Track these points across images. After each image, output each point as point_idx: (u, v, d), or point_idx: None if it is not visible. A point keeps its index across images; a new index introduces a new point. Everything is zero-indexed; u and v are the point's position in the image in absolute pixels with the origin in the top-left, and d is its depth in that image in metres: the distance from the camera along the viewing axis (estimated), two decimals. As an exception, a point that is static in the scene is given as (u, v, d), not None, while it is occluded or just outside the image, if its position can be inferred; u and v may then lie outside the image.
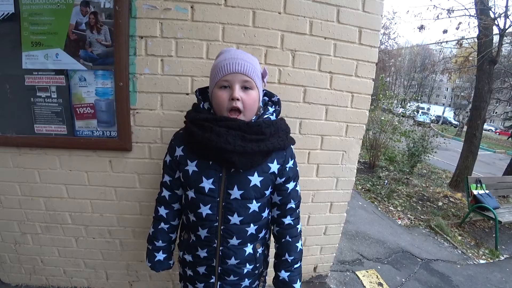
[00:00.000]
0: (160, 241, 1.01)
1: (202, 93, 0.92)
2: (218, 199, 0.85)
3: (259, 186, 0.87)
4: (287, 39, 1.25)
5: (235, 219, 0.87)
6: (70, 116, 1.23)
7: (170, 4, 1.14)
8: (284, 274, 0.96)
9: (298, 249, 0.98)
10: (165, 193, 0.97)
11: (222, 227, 0.87)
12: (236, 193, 0.85)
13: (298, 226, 0.99)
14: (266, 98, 0.94)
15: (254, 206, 0.88)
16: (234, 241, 0.89)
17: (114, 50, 1.15)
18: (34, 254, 1.51)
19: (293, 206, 0.96)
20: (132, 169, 1.33)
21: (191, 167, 0.86)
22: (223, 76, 0.80)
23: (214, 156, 0.82)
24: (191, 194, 0.88)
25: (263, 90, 0.91)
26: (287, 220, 0.96)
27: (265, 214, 0.94)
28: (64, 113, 1.22)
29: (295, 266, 0.97)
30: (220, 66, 0.81)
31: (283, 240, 0.97)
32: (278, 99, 0.95)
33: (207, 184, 0.85)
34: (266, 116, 0.88)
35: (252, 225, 0.90)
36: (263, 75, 0.87)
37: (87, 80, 1.19)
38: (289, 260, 0.96)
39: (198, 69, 1.22)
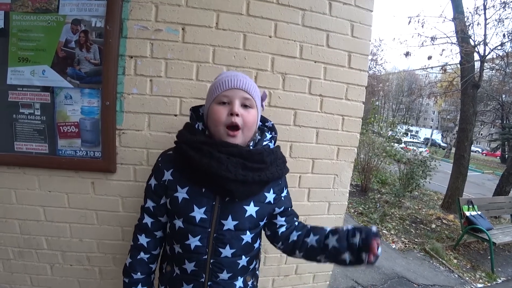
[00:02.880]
0: (139, 273, 0.89)
1: (195, 111, 0.88)
2: (210, 230, 0.79)
3: (255, 216, 0.82)
4: (278, 62, 1.26)
5: (226, 251, 0.80)
6: (53, 134, 1.18)
7: (161, 25, 1.15)
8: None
9: None
10: (147, 220, 0.88)
11: (211, 260, 0.80)
12: (230, 223, 0.79)
13: None
14: (260, 123, 0.91)
15: (247, 237, 0.82)
16: (224, 275, 0.81)
17: (103, 69, 1.13)
18: (4, 282, 1.38)
19: (297, 220, 0.95)
20: (115, 192, 1.27)
21: (181, 194, 0.79)
22: (222, 91, 0.76)
23: (209, 182, 0.76)
24: (178, 223, 0.80)
25: None
26: (298, 221, 0.93)
27: (256, 245, 0.88)
28: (47, 131, 1.17)
29: None
30: (220, 82, 0.78)
31: (310, 226, 0.89)
32: (273, 124, 0.92)
33: (198, 213, 0.78)
34: (265, 143, 0.84)
35: (243, 257, 0.84)
36: (263, 98, 0.84)
37: (73, 98, 1.16)
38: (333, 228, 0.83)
39: (188, 90, 1.20)
